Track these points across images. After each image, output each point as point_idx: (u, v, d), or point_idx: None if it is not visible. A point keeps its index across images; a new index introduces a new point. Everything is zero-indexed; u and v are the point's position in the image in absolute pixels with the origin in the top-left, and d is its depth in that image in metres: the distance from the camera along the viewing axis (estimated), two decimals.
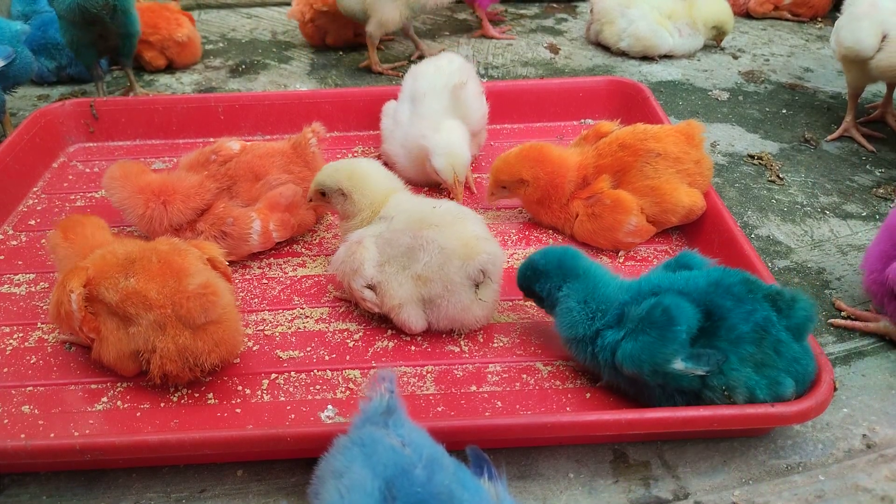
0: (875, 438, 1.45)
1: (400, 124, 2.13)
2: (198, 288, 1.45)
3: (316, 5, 3.01)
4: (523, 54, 3.14)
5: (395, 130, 2.14)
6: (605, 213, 1.86)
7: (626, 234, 1.86)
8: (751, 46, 3.21)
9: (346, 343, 1.64)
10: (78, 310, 1.46)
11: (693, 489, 1.36)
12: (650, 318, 1.36)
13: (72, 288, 1.46)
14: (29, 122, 2.27)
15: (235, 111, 2.43)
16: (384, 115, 2.23)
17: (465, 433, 1.34)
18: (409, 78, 2.23)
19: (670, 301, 1.36)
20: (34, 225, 2.04)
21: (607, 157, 1.89)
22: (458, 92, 2.11)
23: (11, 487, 1.37)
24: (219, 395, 1.51)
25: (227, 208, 1.82)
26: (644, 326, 1.36)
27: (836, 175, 2.29)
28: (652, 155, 1.86)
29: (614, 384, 1.47)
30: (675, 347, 1.33)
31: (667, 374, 1.36)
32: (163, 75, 2.97)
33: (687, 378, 1.35)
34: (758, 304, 1.36)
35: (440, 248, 1.58)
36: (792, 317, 1.36)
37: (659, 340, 1.34)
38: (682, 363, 1.34)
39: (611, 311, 1.44)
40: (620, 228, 1.85)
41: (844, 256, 1.93)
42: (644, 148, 1.86)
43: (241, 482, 1.38)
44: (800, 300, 1.37)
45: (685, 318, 1.33)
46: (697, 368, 1.34)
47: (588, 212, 1.88)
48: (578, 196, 1.90)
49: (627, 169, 1.87)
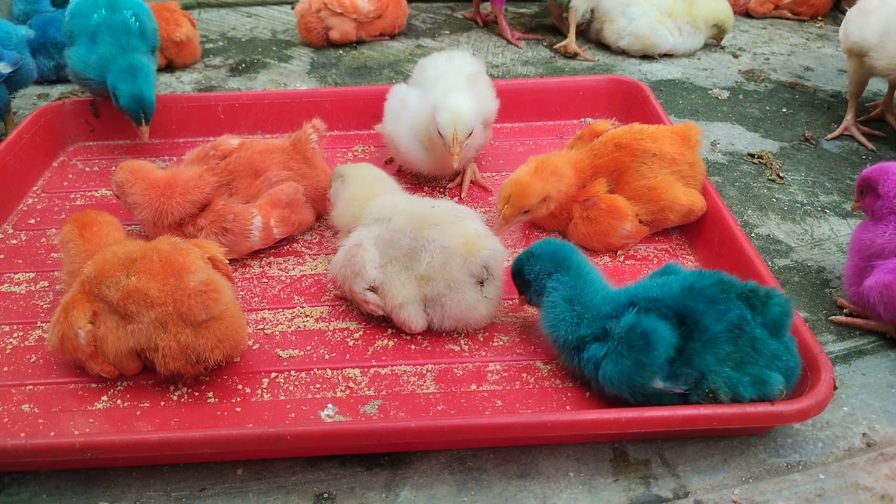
0: (875, 437, 1.45)
1: (409, 106, 2.09)
2: (199, 285, 1.45)
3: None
4: (523, 53, 3.14)
5: (403, 112, 2.10)
6: (600, 217, 1.85)
7: (620, 238, 1.86)
8: (751, 45, 3.21)
9: (346, 342, 1.64)
10: (87, 345, 1.47)
11: (693, 488, 1.36)
12: (629, 340, 1.37)
13: (80, 325, 1.46)
14: (29, 121, 2.27)
15: (235, 110, 2.43)
16: (391, 96, 2.18)
17: (466, 432, 1.35)
18: (420, 68, 2.23)
19: (648, 324, 1.36)
20: (34, 224, 2.04)
21: (603, 157, 1.89)
22: (474, 79, 2.11)
23: (12, 486, 1.38)
24: (219, 394, 1.51)
25: (228, 205, 1.82)
26: (622, 349, 1.37)
27: (837, 174, 2.29)
28: (648, 155, 1.86)
29: (602, 394, 1.47)
30: (654, 370, 1.35)
31: (647, 393, 1.38)
32: (163, 74, 2.97)
33: (668, 395, 1.37)
34: (731, 304, 1.37)
35: (442, 247, 1.58)
36: (767, 313, 1.36)
37: (637, 365, 1.35)
38: (661, 383, 1.36)
39: (596, 322, 1.45)
40: (615, 233, 1.85)
41: (845, 255, 1.92)
42: (640, 148, 1.86)
43: (241, 481, 1.38)
44: (774, 296, 1.38)
45: (663, 342, 1.35)
46: (676, 387, 1.36)
47: (583, 215, 1.87)
48: (575, 199, 1.90)
49: (624, 169, 1.87)
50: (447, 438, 1.37)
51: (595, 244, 1.88)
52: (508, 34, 3.23)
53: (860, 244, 1.67)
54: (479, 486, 1.36)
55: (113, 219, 1.69)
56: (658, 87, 2.80)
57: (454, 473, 1.38)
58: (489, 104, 2.14)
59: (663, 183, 1.85)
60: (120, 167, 1.86)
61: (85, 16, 2.26)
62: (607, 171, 1.88)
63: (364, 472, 1.39)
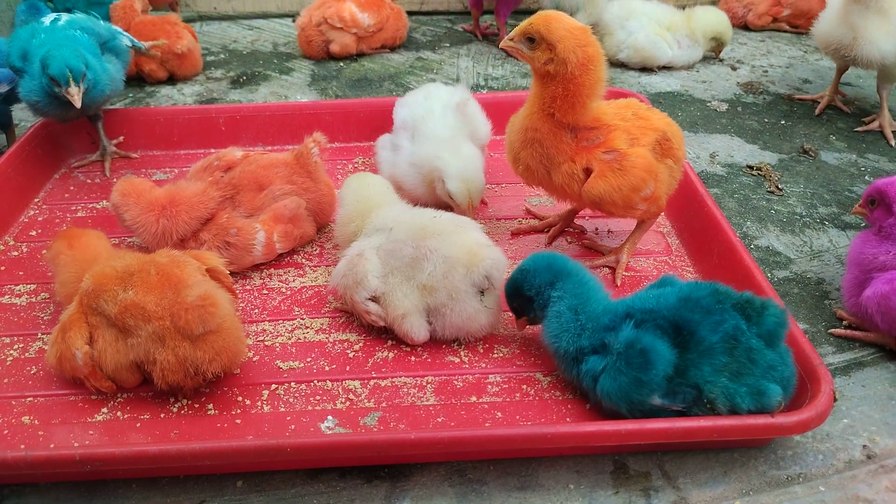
0: (875, 449, 1.44)
1: (402, 149, 2.06)
2: (196, 300, 1.45)
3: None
4: (523, 65, 3.15)
5: (398, 156, 2.07)
6: (631, 169, 1.68)
7: (643, 198, 1.73)
8: (749, 58, 3.23)
9: (346, 353, 1.64)
10: (84, 366, 1.48)
11: (693, 500, 1.35)
12: (627, 357, 1.37)
13: (77, 347, 1.47)
14: (31, 133, 2.28)
15: (236, 122, 2.44)
16: (380, 148, 2.16)
17: (466, 444, 1.35)
18: (400, 108, 2.18)
19: (647, 342, 1.36)
20: (35, 235, 2.04)
21: (627, 121, 1.75)
22: (463, 109, 2.10)
23: (11, 498, 1.37)
24: (219, 406, 1.51)
25: (231, 219, 1.83)
26: (621, 366, 1.37)
27: (835, 185, 2.29)
28: (661, 138, 1.75)
29: (600, 407, 1.47)
30: (652, 388, 1.36)
31: (644, 410, 1.38)
32: (164, 87, 2.98)
33: (665, 410, 1.37)
34: (726, 314, 1.37)
35: (444, 257, 1.59)
36: (762, 324, 1.37)
37: (635, 382, 1.36)
38: (659, 400, 1.36)
39: (596, 333, 1.45)
40: (643, 188, 1.71)
41: (844, 267, 1.93)
42: (651, 127, 1.76)
43: (241, 493, 1.38)
44: (769, 307, 1.38)
45: (662, 361, 1.35)
46: (674, 404, 1.36)
47: (613, 166, 1.69)
48: (591, 150, 1.71)
49: (637, 141, 1.73)
50: (447, 450, 1.37)
51: (619, 199, 1.70)
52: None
53: (861, 257, 1.66)
54: (479, 499, 1.36)
55: (99, 233, 1.72)
56: (657, 100, 2.81)
57: (454, 485, 1.38)
58: (483, 129, 2.14)
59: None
60: (114, 189, 1.86)
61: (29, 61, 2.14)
62: (627, 134, 1.73)
63: (364, 484, 1.39)
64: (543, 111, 1.70)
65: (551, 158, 1.73)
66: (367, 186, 1.85)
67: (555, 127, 1.70)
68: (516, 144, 1.78)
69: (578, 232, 2.03)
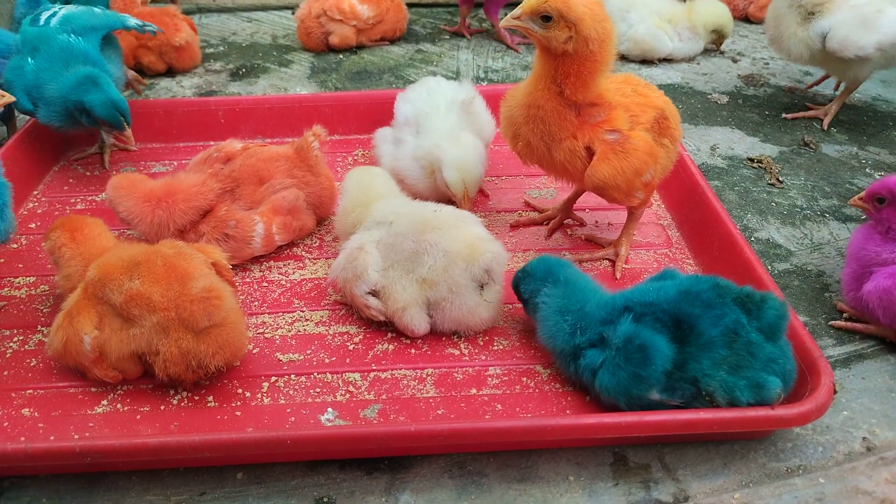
0: (875, 441, 1.45)
1: (405, 143, 2.05)
2: (201, 292, 1.45)
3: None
4: (523, 58, 3.15)
5: (400, 150, 2.05)
6: (633, 152, 1.66)
7: (643, 182, 1.70)
8: (750, 50, 3.22)
9: (346, 346, 1.64)
10: (91, 351, 1.47)
11: (693, 492, 1.35)
12: (626, 353, 1.37)
13: (86, 332, 1.46)
14: (30, 125, 2.27)
15: (235, 115, 2.44)
16: (380, 142, 2.13)
17: (466, 436, 1.35)
18: (403, 104, 2.15)
19: (646, 337, 1.37)
20: (34, 228, 2.04)
21: (627, 97, 1.73)
22: (468, 107, 2.09)
23: (11, 490, 1.37)
24: (219, 398, 1.51)
25: (230, 211, 1.82)
26: (620, 361, 1.37)
27: (836, 178, 2.29)
28: (660, 116, 1.74)
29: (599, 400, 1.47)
30: (651, 383, 1.36)
31: (643, 404, 1.38)
32: (163, 79, 2.98)
33: (664, 405, 1.37)
34: (727, 308, 1.37)
35: (444, 251, 1.59)
36: (762, 318, 1.37)
37: (634, 377, 1.36)
38: (658, 395, 1.37)
39: (591, 328, 1.45)
40: (644, 172, 1.69)
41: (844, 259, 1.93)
42: (651, 104, 1.74)
43: (241, 485, 1.38)
44: (769, 301, 1.38)
45: (661, 356, 1.35)
46: (673, 400, 1.37)
47: (616, 148, 1.66)
48: (595, 126, 1.67)
49: (637, 118, 1.71)
50: (447, 442, 1.37)
51: (623, 182, 1.67)
52: (508, 39, 3.24)
53: (861, 252, 1.65)
54: (479, 491, 1.36)
55: (100, 222, 1.69)
56: None
57: (454, 478, 1.38)
58: (488, 127, 2.13)
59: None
60: (108, 184, 1.85)
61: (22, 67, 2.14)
62: (628, 112, 1.71)
63: (364, 476, 1.39)
64: (551, 89, 1.66)
65: (553, 135, 1.69)
66: (371, 177, 1.85)
67: (560, 104, 1.67)
68: (518, 120, 1.74)
69: (577, 224, 2.03)
